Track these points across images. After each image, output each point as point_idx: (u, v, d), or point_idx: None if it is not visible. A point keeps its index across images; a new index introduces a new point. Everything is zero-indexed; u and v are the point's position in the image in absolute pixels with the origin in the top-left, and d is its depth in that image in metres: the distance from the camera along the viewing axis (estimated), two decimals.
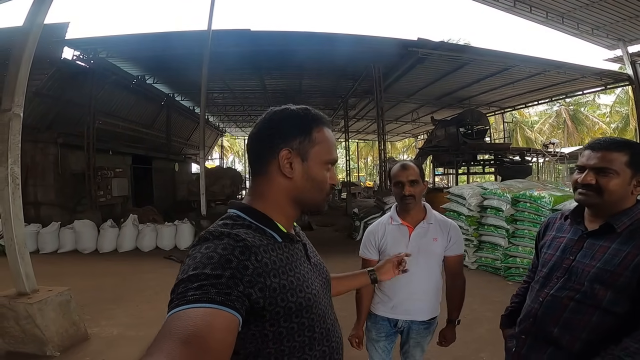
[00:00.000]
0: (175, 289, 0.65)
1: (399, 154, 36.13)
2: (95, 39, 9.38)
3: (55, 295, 3.00)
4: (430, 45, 9.24)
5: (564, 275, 1.26)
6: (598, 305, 1.16)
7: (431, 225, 1.82)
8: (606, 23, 10.24)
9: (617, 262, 1.14)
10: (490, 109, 17.17)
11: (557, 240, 1.36)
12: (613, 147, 1.19)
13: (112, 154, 11.69)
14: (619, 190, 1.18)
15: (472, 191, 6.53)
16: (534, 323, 1.30)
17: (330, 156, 0.89)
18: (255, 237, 0.76)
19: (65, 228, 8.16)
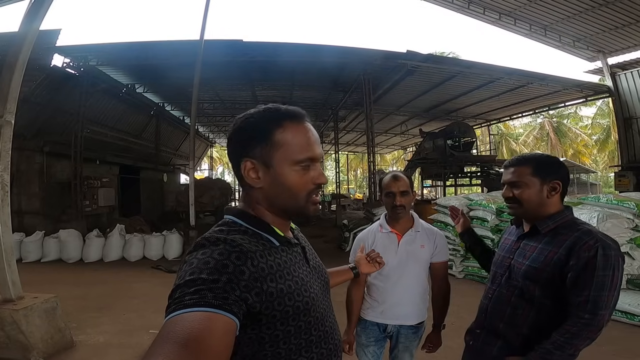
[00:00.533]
0: (172, 294, 0.65)
1: (388, 166, 36.40)
2: (86, 46, 9.33)
3: (41, 302, 2.96)
4: (419, 57, 9.45)
5: (505, 273, 1.44)
6: (531, 300, 1.32)
7: (418, 233, 1.90)
8: (587, 35, 10.58)
9: (542, 259, 1.31)
10: (476, 121, 17.47)
11: (505, 242, 1.55)
12: (519, 163, 1.40)
13: (100, 163, 11.57)
14: (533, 198, 1.36)
15: (459, 202, 6.66)
16: (486, 318, 1.46)
17: (303, 154, 0.81)
18: (251, 243, 0.76)
19: (50, 237, 8.05)
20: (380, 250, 1.83)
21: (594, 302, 1.20)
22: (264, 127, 0.80)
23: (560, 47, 11.64)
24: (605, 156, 25.89)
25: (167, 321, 0.60)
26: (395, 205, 1.82)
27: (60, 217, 9.72)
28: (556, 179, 1.36)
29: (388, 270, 1.84)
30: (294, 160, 0.80)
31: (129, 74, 11.27)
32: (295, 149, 0.80)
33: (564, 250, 1.26)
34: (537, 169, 1.36)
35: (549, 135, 26.71)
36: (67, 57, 9.43)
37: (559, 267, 1.26)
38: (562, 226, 1.33)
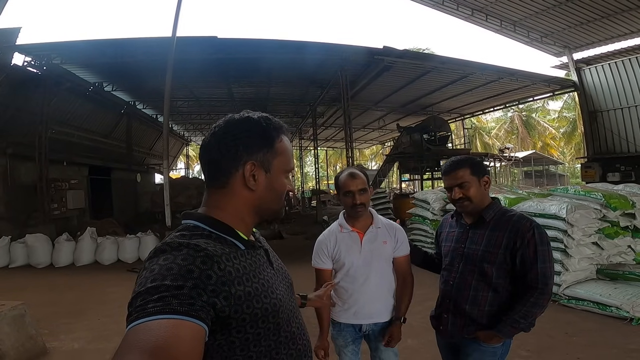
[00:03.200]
0: (133, 302, 0.62)
1: (367, 160, 36.72)
2: (48, 44, 8.91)
3: (8, 310, 2.82)
4: (395, 53, 9.51)
5: (462, 260, 1.66)
6: (489, 281, 1.57)
7: (379, 229, 1.89)
8: (554, 31, 10.96)
9: (493, 243, 1.57)
10: (451, 115, 17.85)
11: (450, 234, 1.77)
12: (458, 167, 1.63)
13: (67, 164, 11.10)
14: (477, 193, 1.62)
15: (436, 196, 6.77)
16: (450, 302, 1.67)
17: (290, 165, 0.90)
18: (216, 247, 0.74)
19: (16, 242, 7.75)
20: (343, 251, 1.87)
21: (543, 273, 1.49)
22: (269, 134, 0.85)
23: (529, 42, 11.99)
24: (572, 148, 26.96)
25: (129, 330, 0.58)
26: (355, 204, 1.80)
27: (26, 221, 9.29)
28: (486, 175, 1.66)
29: (354, 271, 1.84)
30: (285, 168, 0.88)
31: (96, 72, 10.82)
32: (287, 160, 0.88)
33: (509, 233, 1.54)
34: (473, 169, 1.62)
35: (518, 129, 27.59)
36: (28, 56, 9.00)
37: (509, 249, 1.53)
38: (499, 214, 1.62)
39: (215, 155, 0.83)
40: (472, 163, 1.65)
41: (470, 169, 1.62)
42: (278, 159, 0.85)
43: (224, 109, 15.29)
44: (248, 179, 0.82)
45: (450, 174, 1.65)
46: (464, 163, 1.64)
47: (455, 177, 1.63)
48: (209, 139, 0.85)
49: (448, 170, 1.66)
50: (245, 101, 14.36)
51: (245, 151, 0.82)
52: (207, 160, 0.85)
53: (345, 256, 1.84)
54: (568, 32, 10.88)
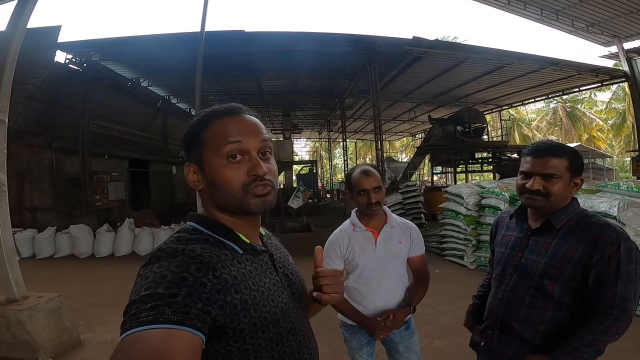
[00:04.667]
0: (128, 311, 0.60)
1: (397, 152, 36.13)
2: (87, 42, 9.30)
3: (45, 302, 2.97)
4: (426, 43, 9.22)
5: (515, 272, 1.37)
6: (550, 299, 1.27)
7: (394, 228, 1.81)
8: (601, 20, 10.25)
9: (560, 256, 1.25)
10: (487, 106, 17.21)
11: (506, 238, 1.47)
12: (556, 154, 1.29)
13: (108, 157, 11.62)
14: (562, 192, 1.29)
15: (470, 190, 6.49)
16: (497, 318, 1.41)
17: (227, 147, 0.77)
18: (212, 252, 0.72)
19: (61, 233, 8.12)
20: (357, 251, 1.78)
21: (622, 297, 1.17)
22: (194, 130, 0.81)
23: (573, 32, 11.26)
24: (621, 141, 25.39)
25: (122, 340, 0.56)
26: (371, 202, 1.71)
27: (71, 212, 9.84)
28: (580, 176, 1.33)
29: (368, 272, 1.77)
30: (219, 153, 0.77)
31: (132, 68, 11.24)
32: (219, 143, 0.77)
33: (584, 246, 1.21)
34: (572, 163, 1.29)
35: (562, 120, 26.18)
36: (69, 54, 9.43)
37: (582, 265, 1.21)
38: (574, 220, 1.29)
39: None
40: (573, 155, 1.30)
41: (569, 162, 1.28)
42: (207, 147, 0.78)
43: (253, 102, 15.49)
44: (190, 182, 0.81)
45: (541, 158, 1.29)
46: (563, 152, 1.29)
47: (545, 164, 1.28)
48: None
49: (540, 153, 1.30)
50: (274, 94, 14.46)
51: (186, 155, 0.83)
52: None
53: (359, 256, 1.77)
54: (617, 21, 10.10)
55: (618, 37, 10.94)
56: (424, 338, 3.45)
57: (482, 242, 6.16)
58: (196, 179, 0.81)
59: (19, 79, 8.41)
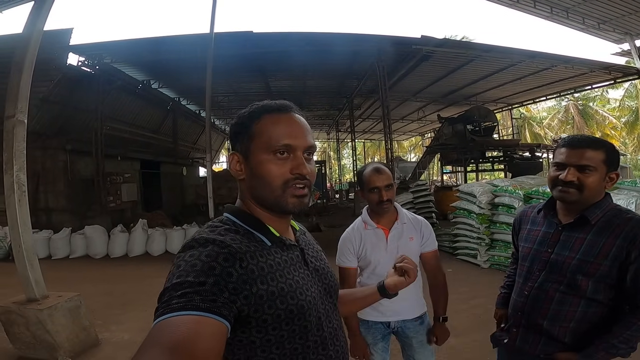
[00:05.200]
0: (161, 298, 0.64)
1: (406, 152, 35.93)
2: (98, 44, 9.37)
3: (65, 301, 3.01)
4: (434, 42, 9.14)
5: (544, 268, 1.33)
6: (582, 295, 1.24)
7: (405, 224, 1.82)
8: (612, 17, 10.08)
9: (596, 252, 1.22)
10: (497, 105, 16.99)
11: (532, 233, 1.43)
12: (592, 146, 1.25)
13: (121, 159, 11.77)
14: (596, 186, 1.26)
15: (483, 189, 6.43)
16: (523, 316, 1.37)
17: (278, 142, 0.79)
18: (242, 243, 0.74)
19: (76, 234, 8.25)
20: (369, 249, 1.81)
21: None
22: (244, 121, 0.83)
23: (584, 29, 11.09)
24: (634, 138, 24.91)
25: (154, 325, 0.59)
26: (382, 200, 1.73)
27: (86, 213, 9.98)
28: (616, 171, 1.29)
29: (381, 269, 1.77)
30: (268, 148, 0.80)
31: (142, 70, 11.33)
32: (270, 138, 0.80)
33: (622, 241, 1.19)
34: (609, 156, 1.25)
35: (574, 118, 25.79)
36: (81, 56, 9.54)
37: (618, 261, 1.19)
38: (609, 215, 1.26)
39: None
40: (610, 149, 1.27)
41: (606, 155, 1.24)
42: (256, 140, 0.81)
43: None
44: (232, 170, 0.84)
45: (577, 150, 1.25)
46: (601, 145, 1.26)
47: (581, 156, 1.24)
48: None
49: (577, 144, 1.27)
50: (283, 94, 14.46)
51: (231, 144, 0.86)
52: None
53: (371, 254, 1.79)
54: (628, 18, 9.91)
55: (630, 34, 10.74)
56: None
57: (496, 240, 6.11)
58: (239, 169, 0.84)
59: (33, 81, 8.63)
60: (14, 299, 3.03)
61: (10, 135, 2.71)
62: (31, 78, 2.81)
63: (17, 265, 2.86)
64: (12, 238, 2.83)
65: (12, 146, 2.71)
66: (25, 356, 3.06)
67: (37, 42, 2.81)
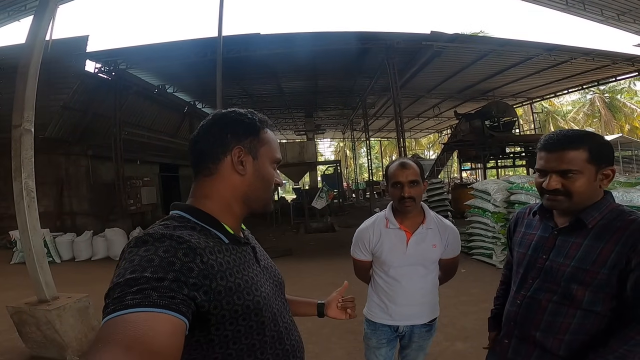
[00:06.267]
0: (111, 294, 0.61)
1: (424, 150, 35.43)
2: (113, 50, 9.57)
3: (74, 302, 3.11)
4: (445, 38, 8.96)
5: (538, 276, 1.21)
6: (578, 306, 1.11)
7: (430, 230, 1.69)
8: (632, 8, 9.65)
9: (593, 259, 1.09)
10: (516, 99, 16.55)
11: (527, 237, 1.31)
12: (569, 145, 1.10)
13: (140, 163, 12.07)
14: (586, 189, 1.11)
15: (497, 186, 6.26)
16: (515, 327, 1.27)
17: (276, 155, 0.92)
18: (200, 239, 0.73)
19: (98, 236, 8.50)
20: (386, 249, 1.70)
21: None
22: (255, 123, 0.88)
23: (603, 21, 10.64)
24: None
25: (106, 322, 0.57)
26: (403, 196, 1.60)
27: (108, 216, 10.30)
28: (610, 166, 1.13)
29: (395, 272, 1.70)
30: (271, 158, 0.90)
31: (157, 75, 11.56)
32: (273, 149, 0.91)
33: (622, 247, 1.06)
34: (593, 153, 1.09)
35: (600, 111, 24.80)
36: (97, 63, 9.78)
37: (618, 269, 1.06)
38: (609, 217, 1.12)
39: (204, 145, 0.86)
40: (594, 143, 1.10)
41: (590, 152, 1.09)
42: (264, 147, 0.88)
43: (275, 103, 15.65)
44: (236, 164, 0.84)
45: (554, 152, 1.12)
46: (581, 141, 1.10)
47: (560, 159, 1.10)
48: (197, 132, 0.88)
49: (552, 145, 1.13)
50: (295, 95, 14.54)
51: (233, 137, 0.85)
52: (196, 151, 0.87)
53: (387, 255, 1.68)
54: None
55: None
56: (445, 340, 3.36)
57: None
58: (243, 165, 0.86)
59: (53, 89, 9.04)
60: (25, 300, 3.16)
61: (17, 144, 2.81)
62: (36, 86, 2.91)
63: (28, 267, 2.98)
64: (23, 242, 2.95)
65: (20, 154, 2.80)
66: (37, 355, 3.18)
67: (40, 51, 2.91)
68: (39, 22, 2.88)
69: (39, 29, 2.88)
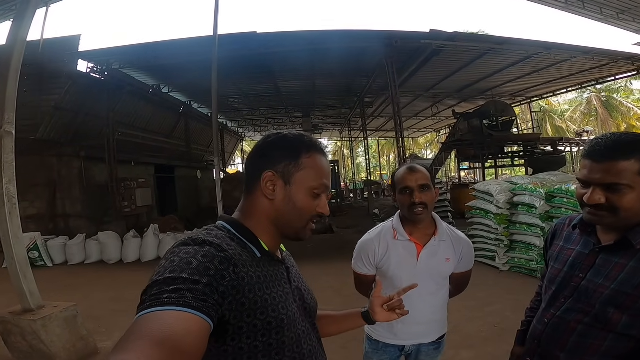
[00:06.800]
0: (149, 290, 0.63)
1: (422, 149, 35.41)
2: (106, 50, 9.39)
3: (60, 312, 2.98)
4: (444, 36, 8.85)
5: (572, 295, 1.09)
6: (611, 329, 1.00)
7: (443, 242, 1.55)
8: (631, 6, 9.60)
9: (637, 282, 0.96)
10: (515, 99, 16.51)
11: (565, 252, 1.17)
12: (619, 156, 0.94)
13: (135, 164, 11.89)
14: (636, 205, 0.95)
15: (500, 187, 6.15)
16: (539, 345, 1.16)
17: (318, 182, 0.87)
18: (236, 250, 0.76)
19: (91, 240, 8.35)
20: (393, 263, 1.54)
21: None
22: (295, 148, 0.87)
23: (602, 20, 10.60)
24: None
25: (140, 317, 0.59)
26: (414, 202, 1.45)
27: (102, 218, 10.13)
28: None
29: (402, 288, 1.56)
30: (310, 185, 0.86)
31: (152, 74, 11.36)
32: (314, 176, 0.87)
33: None
34: None
35: (597, 110, 24.92)
36: (90, 62, 9.59)
37: None
38: None
39: (248, 165, 0.91)
40: None
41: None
42: (301, 173, 0.86)
43: (272, 104, 15.50)
44: (264, 187, 0.85)
45: (602, 163, 0.96)
46: (633, 151, 0.93)
47: (607, 171, 0.95)
48: (250, 152, 0.93)
49: (600, 155, 0.97)
50: (292, 95, 14.40)
51: (267, 160, 0.86)
52: (245, 169, 0.94)
53: (394, 269, 1.54)
54: None
55: None
56: (450, 348, 3.20)
57: (516, 242, 5.82)
58: (272, 189, 0.85)
59: (45, 90, 8.84)
60: (10, 309, 3.02)
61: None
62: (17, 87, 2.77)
63: (11, 276, 2.85)
64: (5, 251, 2.80)
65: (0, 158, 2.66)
66: None
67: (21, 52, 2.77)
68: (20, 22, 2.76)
69: (19, 29, 2.76)
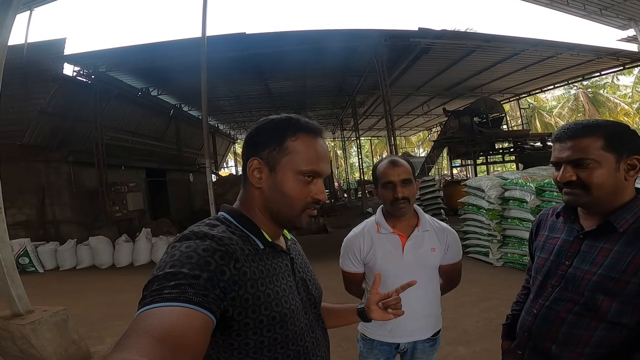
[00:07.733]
0: (149, 286, 0.63)
1: (414, 147, 35.61)
2: (92, 53, 9.25)
3: (49, 316, 2.93)
4: (433, 34, 8.92)
5: (559, 284, 1.09)
6: (602, 318, 0.99)
7: (427, 232, 1.56)
8: (614, 3, 9.76)
9: (623, 267, 0.95)
10: (504, 96, 16.71)
11: (550, 241, 1.18)
12: (582, 133, 1.00)
13: (125, 168, 11.73)
14: (606, 181, 0.99)
15: (491, 182, 6.20)
16: (529, 337, 1.15)
17: (308, 166, 0.82)
18: (237, 244, 0.75)
19: (82, 245, 8.28)
20: (379, 257, 1.54)
21: None
22: (279, 132, 0.83)
23: (586, 16, 10.77)
24: None
25: (141, 313, 0.58)
26: (397, 197, 1.46)
27: (93, 224, 9.98)
28: (636, 154, 0.99)
29: (392, 282, 1.50)
30: (298, 169, 0.82)
31: (140, 77, 11.24)
32: (302, 159, 0.82)
33: None
34: (610, 140, 0.98)
35: (584, 106, 25.35)
36: (76, 66, 9.46)
37: None
38: None
39: (242, 154, 0.90)
40: (610, 131, 1.00)
41: (605, 139, 0.98)
42: (287, 157, 0.81)
43: (263, 105, 15.44)
44: (250, 176, 0.83)
45: (567, 142, 1.02)
46: (595, 129, 1.00)
47: (573, 148, 1.00)
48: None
49: (565, 134, 1.03)
50: (283, 96, 14.37)
51: (252, 148, 0.84)
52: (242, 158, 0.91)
53: (381, 263, 1.52)
54: (631, 3, 9.55)
55: (634, 19, 10.36)
56: (446, 345, 3.21)
57: (508, 237, 5.87)
58: (259, 176, 0.83)
59: (30, 94, 8.69)
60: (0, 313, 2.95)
61: None
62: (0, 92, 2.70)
63: None
64: None
65: None
66: None
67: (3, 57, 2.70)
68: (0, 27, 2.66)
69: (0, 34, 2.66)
